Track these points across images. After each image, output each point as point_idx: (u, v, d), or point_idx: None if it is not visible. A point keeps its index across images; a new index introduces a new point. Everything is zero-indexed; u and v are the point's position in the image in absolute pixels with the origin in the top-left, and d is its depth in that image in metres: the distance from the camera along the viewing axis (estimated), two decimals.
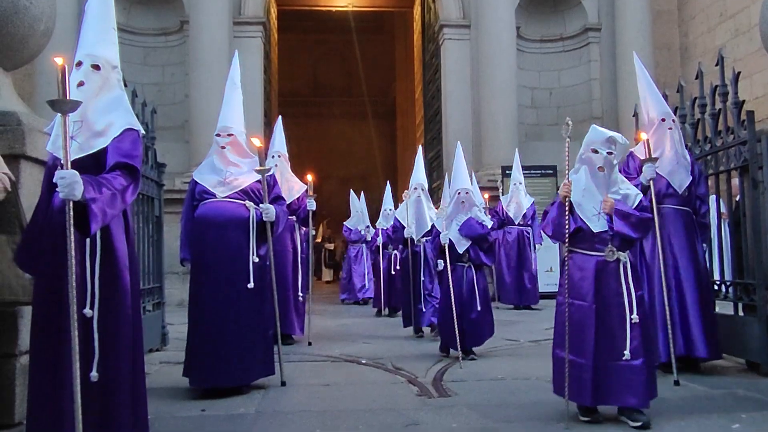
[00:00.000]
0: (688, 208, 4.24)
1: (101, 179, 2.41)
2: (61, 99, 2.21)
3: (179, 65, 11.26)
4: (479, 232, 4.74)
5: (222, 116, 4.03)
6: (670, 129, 4.26)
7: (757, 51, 10.06)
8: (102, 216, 2.36)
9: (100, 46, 2.65)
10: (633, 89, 10.98)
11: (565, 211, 3.00)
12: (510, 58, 11.11)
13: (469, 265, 4.77)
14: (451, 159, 11.45)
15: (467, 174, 4.89)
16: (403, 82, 25.58)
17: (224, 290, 3.68)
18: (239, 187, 3.83)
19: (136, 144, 2.63)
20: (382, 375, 4.30)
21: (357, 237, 9.79)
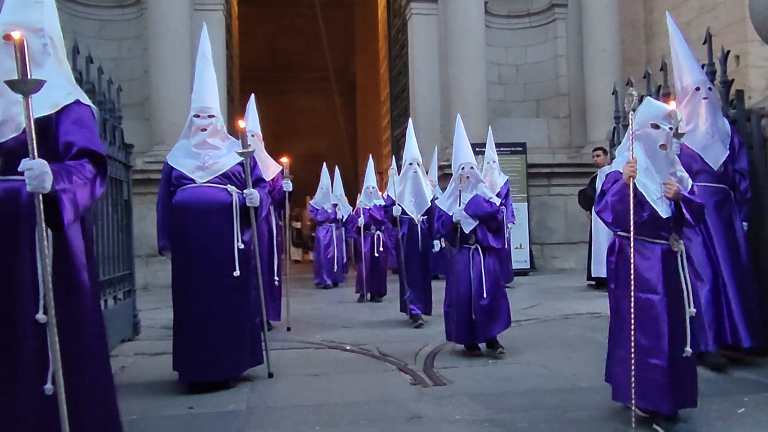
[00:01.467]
0: (724, 185, 3.86)
1: (69, 167, 2.10)
2: (22, 78, 1.92)
3: (137, 39, 10.78)
4: (487, 211, 4.29)
5: (198, 95, 3.76)
6: (706, 99, 3.88)
7: (722, 29, 10.17)
8: (73, 209, 2.06)
9: (15, 10, 2.27)
10: (599, 66, 11.17)
11: (628, 194, 2.62)
12: (479, 33, 11.00)
13: (476, 247, 4.30)
14: (420, 136, 11.32)
15: (470, 148, 4.50)
16: (362, 57, 25.23)
17: (209, 280, 3.50)
18: (220, 171, 3.61)
19: (93, 123, 2.31)
20: (370, 362, 4.19)
21: (324, 216, 9.33)
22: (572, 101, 11.65)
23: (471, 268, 4.23)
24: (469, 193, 4.33)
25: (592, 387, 3.31)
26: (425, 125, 11.42)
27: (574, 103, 11.60)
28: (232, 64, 12.20)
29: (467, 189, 4.33)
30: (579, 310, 6.06)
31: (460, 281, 4.24)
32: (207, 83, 3.78)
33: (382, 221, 7.32)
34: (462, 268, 4.25)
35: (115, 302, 4.81)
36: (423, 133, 11.37)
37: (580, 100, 11.48)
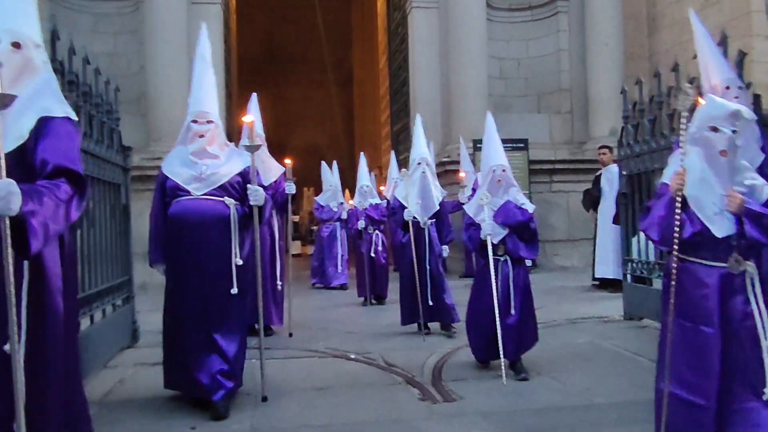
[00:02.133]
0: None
1: (41, 187, 1.94)
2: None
3: (133, 33, 10.59)
4: (519, 219, 3.90)
5: (195, 99, 3.57)
6: (737, 98, 3.55)
7: (727, 22, 10.02)
8: (44, 232, 1.89)
9: (20, 20, 2.17)
10: (602, 60, 11.02)
11: (676, 209, 2.36)
12: (480, 27, 10.84)
13: (506, 258, 3.92)
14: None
15: (502, 149, 4.09)
16: (360, 49, 25.05)
17: (205, 298, 3.31)
18: (217, 183, 3.40)
19: (73, 140, 2.18)
20: (376, 374, 4.08)
21: (329, 215, 8.89)
22: (574, 96, 11.51)
23: (498, 281, 3.87)
24: (500, 198, 3.96)
25: (608, 403, 3.22)
26: (425, 120, 11.15)
27: (576, 98, 11.47)
28: (230, 58, 12.02)
29: (498, 193, 3.96)
30: (586, 313, 5.97)
31: (485, 294, 3.87)
32: (206, 87, 3.61)
33: (380, 221, 7.18)
34: (488, 280, 3.86)
35: (114, 309, 4.70)
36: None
37: (582, 96, 11.34)
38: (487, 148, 4.19)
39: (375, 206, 7.22)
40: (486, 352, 3.98)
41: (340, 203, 8.87)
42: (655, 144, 5.13)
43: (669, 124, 4.87)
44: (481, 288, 3.97)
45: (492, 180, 3.98)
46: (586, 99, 11.26)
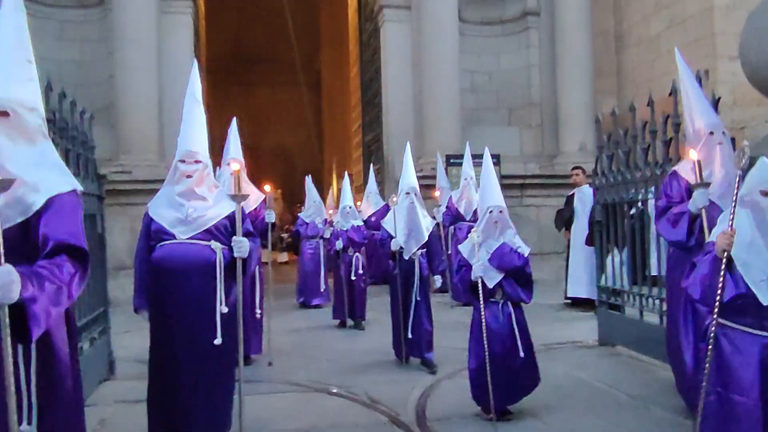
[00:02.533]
0: None
1: (42, 270, 1.92)
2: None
3: (101, 42, 10.41)
4: (515, 264, 3.79)
5: (184, 138, 3.46)
6: (720, 144, 3.65)
7: (691, 43, 10.31)
8: (45, 318, 1.88)
9: (9, 86, 2.12)
10: (572, 76, 11.20)
11: (721, 269, 2.30)
12: (452, 42, 10.94)
13: (505, 300, 3.84)
14: (393, 144, 11.31)
15: (499, 188, 3.98)
16: (328, 51, 25.00)
17: (188, 347, 3.23)
18: (203, 227, 3.29)
19: (77, 213, 2.16)
20: (360, 412, 4.09)
21: (314, 232, 8.48)
22: (544, 110, 11.70)
23: (500, 323, 3.78)
24: (496, 240, 3.84)
25: None
26: (398, 134, 11.33)
27: (546, 112, 11.66)
28: (200, 65, 11.86)
29: (494, 235, 3.85)
30: (560, 337, 6.07)
31: (492, 340, 3.70)
32: (195, 126, 3.49)
33: (360, 243, 7.06)
34: (493, 325, 3.76)
35: (91, 344, 4.61)
36: (395, 142, 11.31)
37: (552, 110, 11.54)
38: (484, 188, 4.09)
39: (357, 228, 7.08)
40: (503, 399, 3.76)
41: (324, 220, 8.67)
42: (630, 175, 5.25)
43: (644, 158, 4.99)
44: (480, 334, 3.73)
45: (488, 221, 3.87)
46: (556, 113, 11.45)
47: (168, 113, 10.24)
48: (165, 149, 10.17)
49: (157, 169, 9.68)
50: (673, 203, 3.67)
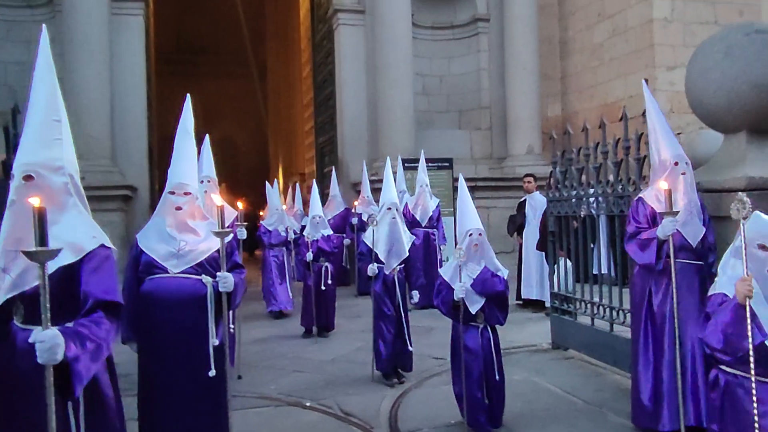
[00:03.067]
0: (701, 262, 3.90)
1: (82, 329, 2.09)
2: (39, 250, 1.88)
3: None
4: (496, 290, 3.91)
5: (175, 171, 3.47)
6: (684, 174, 3.85)
7: (632, 53, 10.83)
8: (87, 375, 2.07)
9: (38, 150, 2.25)
10: (519, 81, 11.58)
11: (745, 317, 2.32)
12: (406, 46, 11.15)
13: (485, 325, 3.97)
14: (348, 147, 11.45)
15: (476, 212, 4.09)
16: (274, 42, 24.83)
17: (180, 381, 3.26)
18: (195, 261, 3.31)
19: (111, 266, 2.32)
20: (335, 426, 4.27)
21: (277, 240, 8.34)
22: (493, 114, 12.06)
23: (480, 347, 3.93)
24: (477, 264, 3.92)
25: None
26: (352, 136, 11.50)
27: (495, 115, 12.02)
28: (150, 68, 11.68)
29: (475, 258, 3.92)
30: (515, 340, 6.37)
31: (473, 362, 3.90)
32: (186, 159, 3.53)
33: (330, 252, 7.10)
34: (474, 348, 3.92)
35: None
36: (349, 145, 11.49)
37: (501, 113, 11.91)
38: (461, 213, 4.16)
39: (327, 238, 7.06)
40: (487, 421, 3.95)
41: (287, 227, 8.56)
42: (583, 192, 5.59)
43: (596, 176, 5.31)
44: (463, 357, 3.91)
45: (468, 244, 3.93)
46: (504, 117, 11.83)
47: (120, 118, 10.13)
48: (117, 155, 10.05)
49: (112, 175, 9.57)
50: (641, 228, 3.90)
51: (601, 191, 5.27)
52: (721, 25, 10.57)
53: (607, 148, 5.15)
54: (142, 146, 10.50)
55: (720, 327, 2.44)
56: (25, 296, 2.13)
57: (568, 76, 12.51)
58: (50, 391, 1.91)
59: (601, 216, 6.00)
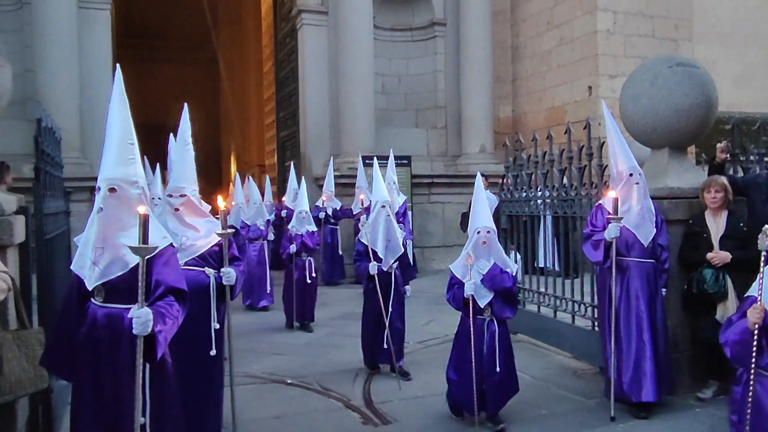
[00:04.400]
0: (652, 260, 4.49)
1: (162, 309, 2.67)
2: (142, 246, 2.50)
3: (16, 33, 10.28)
4: (506, 286, 4.08)
5: (173, 176, 3.93)
6: (638, 183, 4.43)
7: (578, 61, 11.67)
8: (164, 344, 2.68)
9: (118, 167, 2.74)
10: (474, 83, 12.32)
11: (753, 339, 2.67)
12: (368, 47, 11.67)
13: (492, 318, 4.12)
14: (310, 143, 11.94)
15: (488, 210, 4.22)
16: (227, 29, 24.90)
17: (184, 363, 3.53)
18: (196, 254, 3.72)
19: (176, 260, 2.91)
20: (318, 400, 4.87)
21: (256, 234, 8.33)
22: (449, 113, 12.75)
23: (485, 340, 4.11)
24: (486, 260, 4.11)
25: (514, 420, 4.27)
26: (314, 132, 12.00)
27: (451, 115, 12.71)
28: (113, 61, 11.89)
29: (483, 255, 4.10)
30: None
31: (473, 352, 4.09)
32: (184, 165, 3.90)
33: (314, 249, 7.27)
34: (476, 339, 4.09)
35: None
36: (311, 142, 11.97)
37: (456, 113, 12.60)
38: (474, 210, 4.25)
39: (311, 233, 7.23)
40: (466, 408, 4.22)
41: (267, 220, 8.58)
42: (532, 194, 6.31)
43: (543, 180, 6.03)
44: (465, 347, 4.14)
45: (477, 242, 4.10)
46: (459, 117, 12.53)
47: (89, 110, 10.34)
48: (86, 147, 10.29)
49: (82, 167, 9.81)
50: (595, 231, 4.51)
51: (548, 194, 5.99)
52: (658, 38, 11.55)
53: (554, 157, 5.86)
54: None
55: (730, 343, 2.81)
56: (107, 283, 2.69)
57: (518, 79, 13.31)
58: (140, 354, 2.53)
59: (547, 216, 6.74)
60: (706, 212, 4.68)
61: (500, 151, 12.43)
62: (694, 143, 5.72)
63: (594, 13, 11.18)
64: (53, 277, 4.39)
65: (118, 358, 2.68)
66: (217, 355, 3.82)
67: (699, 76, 4.86)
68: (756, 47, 12.75)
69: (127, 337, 2.61)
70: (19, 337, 3.08)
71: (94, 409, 2.75)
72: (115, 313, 2.69)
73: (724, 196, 4.56)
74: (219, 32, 25.94)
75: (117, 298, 2.69)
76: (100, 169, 2.75)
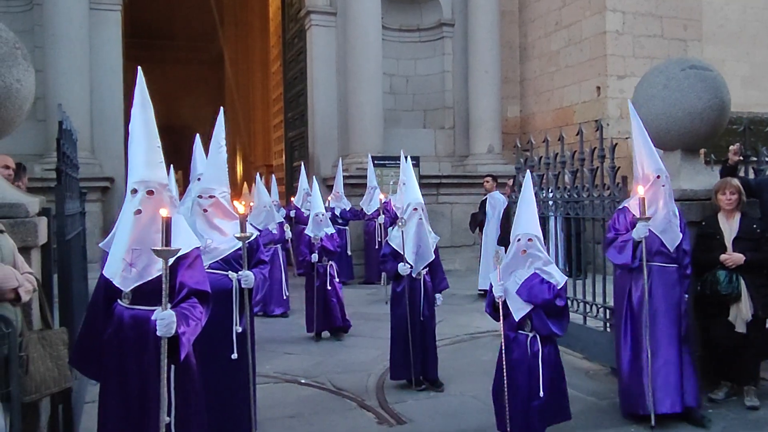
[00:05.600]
0: (676, 265, 4.33)
1: (185, 311, 2.73)
2: (165, 249, 2.54)
3: (26, 33, 10.31)
4: (544, 298, 3.56)
5: (205, 178, 3.96)
6: (664, 186, 4.27)
7: (586, 61, 11.68)
8: (188, 345, 2.74)
9: (151, 170, 2.78)
10: (482, 84, 12.34)
11: None
12: (376, 48, 11.70)
13: (534, 334, 3.62)
14: (319, 143, 11.98)
15: (535, 216, 3.71)
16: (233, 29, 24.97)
17: (208, 366, 3.51)
18: (220, 256, 3.75)
19: (200, 263, 2.97)
20: (332, 399, 4.90)
21: (269, 238, 7.83)
22: (457, 114, 12.77)
23: (525, 359, 3.60)
24: (525, 270, 3.64)
25: None
26: (323, 133, 12.04)
27: (459, 116, 12.73)
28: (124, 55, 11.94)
29: (523, 265, 3.64)
30: (480, 327, 7.11)
31: (515, 370, 3.62)
32: (216, 167, 3.93)
33: (334, 252, 6.80)
34: (518, 357, 3.63)
35: None
36: (320, 142, 12.02)
37: (463, 114, 12.62)
38: (520, 215, 3.76)
39: (330, 236, 6.78)
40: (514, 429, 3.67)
41: (280, 223, 8.12)
42: (543, 195, 6.33)
43: (555, 182, 6.05)
44: (506, 363, 3.66)
45: (516, 250, 3.66)
46: (467, 117, 12.55)
47: (99, 110, 10.42)
48: (96, 147, 10.36)
49: (92, 167, 9.88)
50: (619, 234, 4.37)
51: (559, 196, 6.02)
52: (667, 39, 11.56)
53: (565, 159, 5.88)
54: (120, 138, 10.81)
55: None
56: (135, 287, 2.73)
57: (526, 80, 13.32)
58: (164, 355, 2.58)
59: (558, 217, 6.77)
60: (719, 214, 4.69)
61: (508, 151, 12.50)
62: (707, 146, 5.73)
63: (603, 13, 11.19)
64: (71, 278, 4.45)
65: (144, 358, 2.73)
66: (240, 357, 3.79)
67: (712, 78, 4.88)
68: (764, 47, 12.73)
69: (152, 338, 2.65)
70: (44, 337, 3.12)
71: (120, 409, 2.79)
72: (140, 315, 2.73)
73: (738, 198, 4.57)
74: (224, 32, 26.03)
75: (143, 300, 2.73)
76: (130, 172, 2.78)
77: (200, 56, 28.77)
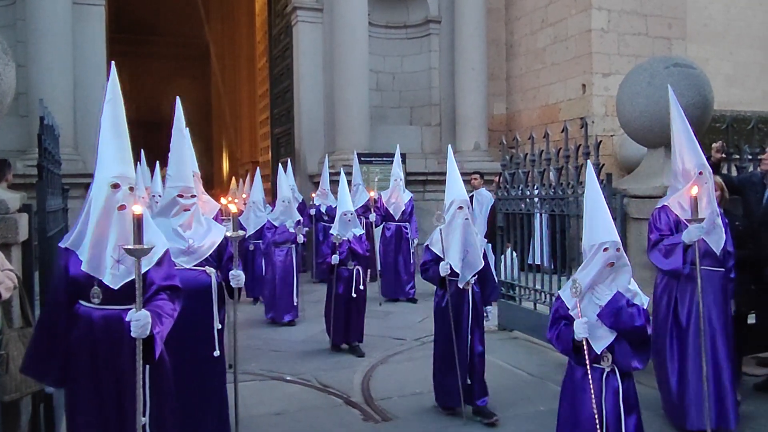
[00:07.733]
0: (723, 269, 4.02)
1: (158, 309, 2.67)
2: (138, 247, 2.46)
3: (8, 29, 10.18)
4: (635, 325, 2.91)
5: (178, 174, 3.75)
6: (707, 183, 3.87)
7: (572, 59, 11.72)
8: (162, 343, 2.70)
9: (128, 166, 2.73)
10: (468, 81, 12.37)
11: None
12: (363, 45, 11.66)
13: (612, 368, 2.97)
14: (305, 140, 11.95)
15: (611, 220, 3.01)
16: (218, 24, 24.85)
17: (186, 364, 3.48)
18: (204, 256, 3.66)
19: (171, 260, 2.95)
20: (317, 396, 4.89)
21: (284, 237, 7.16)
22: (443, 111, 12.77)
23: (603, 399, 2.93)
24: (608, 288, 2.96)
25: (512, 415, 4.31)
26: (309, 129, 12.00)
27: (445, 113, 12.73)
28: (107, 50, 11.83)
29: (606, 281, 2.96)
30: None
31: (584, 412, 2.95)
32: (185, 161, 3.81)
33: (364, 255, 6.12)
34: (590, 396, 2.91)
35: None
36: (306, 139, 11.99)
37: (450, 111, 12.63)
38: (591, 218, 3.03)
39: (359, 238, 6.09)
40: None
41: (297, 221, 7.38)
42: (529, 192, 6.36)
43: (540, 179, 6.08)
44: (578, 404, 3.01)
45: (602, 262, 2.93)
46: (453, 114, 12.56)
47: (82, 106, 10.31)
48: (79, 143, 10.25)
49: (75, 163, 9.77)
50: (663, 235, 3.98)
51: (545, 193, 6.04)
52: (651, 37, 11.63)
53: (550, 156, 5.91)
54: None
55: None
56: (102, 282, 2.65)
57: (512, 77, 13.35)
58: (140, 356, 2.52)
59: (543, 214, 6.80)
60: None
61: (494, 148, 12.51)
62: None
63: (588, 11, 11.23)
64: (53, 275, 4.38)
65: (118, 360, 2.66)
66: (220, 355, 3.76)
67: (695, 76, 4.91)
68: (747, 46, 12.85)
69: (127, 339, 2.56)
70: (24, 335, 3.10)
71: (96, 413, 2.72)
72: (112, 315, 2.67)
73: (720, 195, 4.60)
74: (210, 27, 25.89)
75: (113, 300, 2.67)
76: (104, 166, 2.67)
77: (186, 52, 28.63)
